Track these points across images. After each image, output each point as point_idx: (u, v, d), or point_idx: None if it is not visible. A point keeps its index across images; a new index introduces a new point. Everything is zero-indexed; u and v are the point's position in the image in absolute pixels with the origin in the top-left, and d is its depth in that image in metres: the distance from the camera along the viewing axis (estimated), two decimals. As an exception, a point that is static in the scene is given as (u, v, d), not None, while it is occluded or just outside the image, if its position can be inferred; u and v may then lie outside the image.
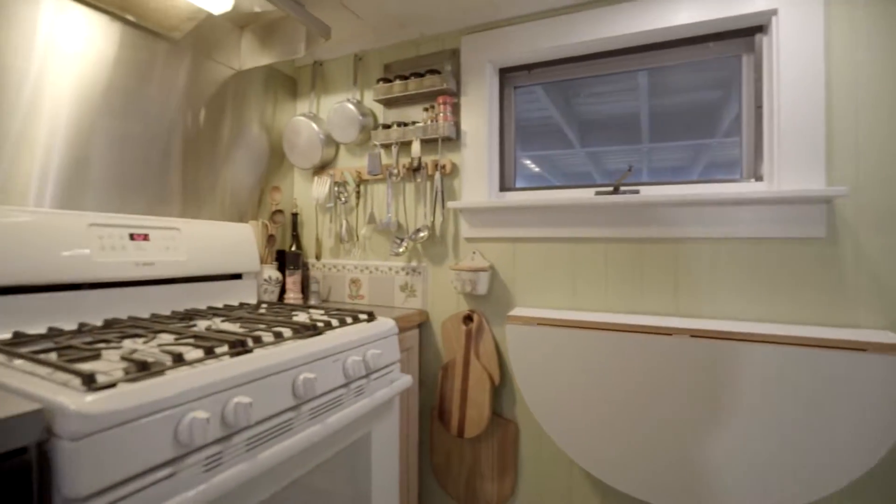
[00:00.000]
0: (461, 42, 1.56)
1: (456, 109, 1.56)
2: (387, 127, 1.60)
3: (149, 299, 1.25)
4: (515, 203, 1.42)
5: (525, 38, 1.46)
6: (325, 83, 1.82)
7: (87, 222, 1.13)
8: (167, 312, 1.27)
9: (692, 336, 1.17)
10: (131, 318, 1.15)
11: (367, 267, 1.72)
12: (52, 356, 0.81)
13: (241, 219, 1.66)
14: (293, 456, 0.93)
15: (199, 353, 0.85)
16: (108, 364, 0.78)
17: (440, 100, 1.53)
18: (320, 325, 1.11)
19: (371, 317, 1.29)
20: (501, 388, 1.50)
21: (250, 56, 1.57)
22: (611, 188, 1.40)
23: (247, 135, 1.68)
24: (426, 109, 1.57)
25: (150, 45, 1.34)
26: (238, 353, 0.88)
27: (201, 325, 1.10)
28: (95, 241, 1.13)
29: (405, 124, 1.58)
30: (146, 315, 1.22)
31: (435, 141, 1.56)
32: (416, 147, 1.56)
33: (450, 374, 1.52)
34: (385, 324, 1.28)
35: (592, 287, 1.39)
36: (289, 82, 1.86)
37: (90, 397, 0.64)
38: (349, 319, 1.23)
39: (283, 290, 1.68)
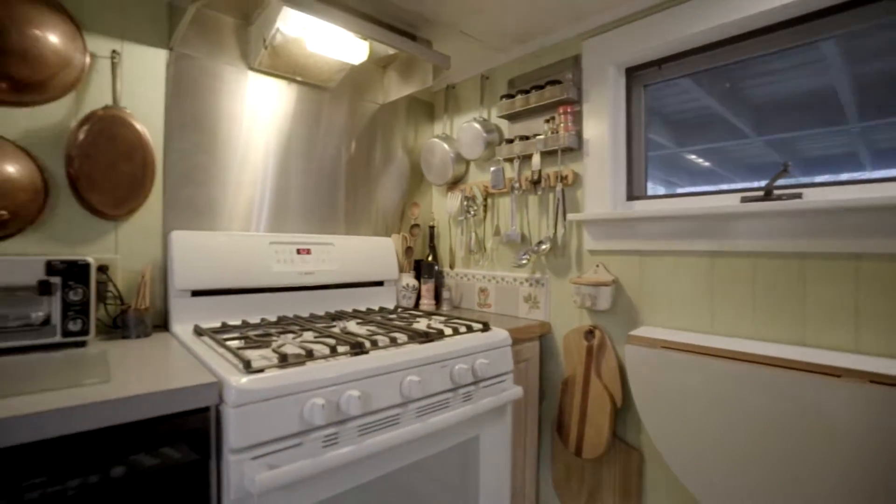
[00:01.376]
0: (582, 48, 1.51)
1: (578, 118, 1.52)
2: (510, 142, 1.65)
3: (310, 301, 1.55)
4: (644, 213, 1.31)
5: (652, 33, 1.34)
6: (457, 104, 1.96)
7: (268, 241, 1.47)
8: (322, 313, 1.56)
9: (872, 382, 0.92)
10: (295, 316, 1.45)
11: (493, 277, 1.79)
12: (236, 343, 1.11)
13: (388, 233, 1.91)
14: (399, 445, 1.06)
15: (326, 351, 1.04)
16: (266, 352, 1.03)
17: (561, 109, 1.51)
18: (433, 332, 1.23)
19: (486, 327, 1.36)
20: (624, 411, 1.39)
21: (392, 90, 1.80)
22: (761, 192, 1.18)
23: (393, 158, 1.93)
24: (547, 121, 1.57)
25: (316, 97, 1.67)
26: (356, 354, 1.05)
27: (339, 326, 1.33)
28: (273, 256, 1.47)
29: (527, 138, 1.60)
30: (306, 314, 1.52)
31: (557, 152, 1.54)
32: (535, 160, 1.57)
33: (569, 390, 1.48)
34: (497, 335, 1.33)
35: (735, 309, 1.19)
36: (427, 107, 2.06)
37: (245, 378, 0.86)
38: (463, 328, 1.32)
39: (419, 296, 1.87)
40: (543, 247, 1.58)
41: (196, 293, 1.32)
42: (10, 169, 1.08)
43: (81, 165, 1.18)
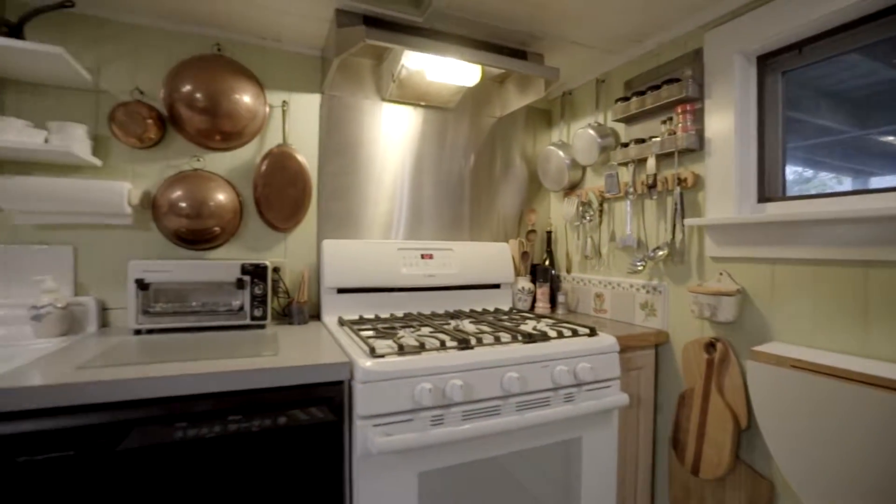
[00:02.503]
0: (704, 40, 1.41)
1: (699, 116, 1.42)
2: (625, 146, 1.62)
3: (432, 300, 1.75)
4: (779, 217, 1.18)
5: (789, 14, 1.20)
6: (573, 109, 1.98)
7: (396, 247, 1.71)
8: (442, 311, 1.74)
9: None
10: (418, 313, 1.66)
11: (609, 282, 1.77)
12: (367, 332, 1.34)
13: (506, 238, 2.02)
14: (500, 433, 1.17)
15: (437, 344, 1.20)
16: (389, 342, 1.23)
17: (679, 109, 1.44)
18: (537, 334, 1.30)
19: (592, 332, 1.38)
20: (751, 433, 1.27)
21: (508, 103, 1.91)
22: (935, 189, 0.98)
23: (512, 167, 2.04)
24: (664, 122, 1.50)
25: (440, 117, 1.87)
26: (463, 349, 1.19)
27: (453, 324, 1.49)
28: (401, 260, 1.70)
29: (643, 140, 1.56)
30: (428, 312, 1.72)
31: (673, 155, 1.47)
32: (650, 163, 1.51)
33: (687, 403, 1.40)
34: (604, 341, 1.34)
35: (896, 328, 1.01)
36: (544, 115, 2.12)
37: (370, 362, 1.07)
38: (568, 332, 1.37)
39: (534, 300, 1.94)
40: (660, 253, 1.52)
41: (341, 290, 1.61)
42: (221, 196, 1.49)
43: (262, 191, 1.55)
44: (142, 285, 1.29)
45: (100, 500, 0.89)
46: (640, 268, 1.56)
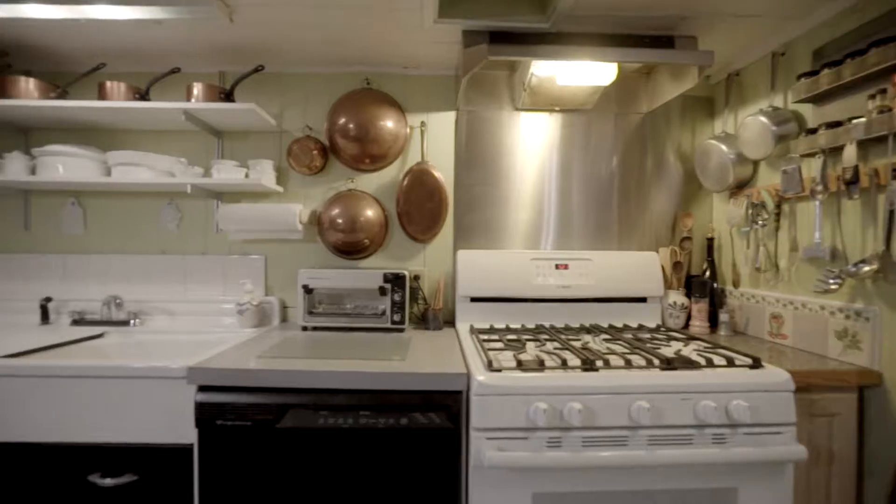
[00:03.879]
0: (937, -17, 1.04)
1: (929, 84, 1.05)
2: (811, 132, 1.30)
3: (568, 312, 1.68)
4: None
5: None
6: (741, 94, 1.66)
7: (529, 258, 1.69)
8: (577, 324, 1.65)
9: None
10: (550, 326, 1.61)
11: (791, 302, 1.43)
12: (492, 343, 1.36)
13: (657, 246, 1.81)
14: (627, 467, 1.06)
15: (558, 362, 1.15)
16: (509, 355, 1.23)
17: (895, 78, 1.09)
18: (677, 360, 1.14)
19: (756, 363, 1.15)
20: None
21: (657, 96, 1.71)
22: None
23: (664, 166, 1.83)
24: (872, 97, 1.15)
25: (578, 120, 1.78)
26: (587, 370, 1.12)
27: (584, 340, 1.40)
28: (534, 271, 1.67)
29: (838, 124, 1.22)
30: (562, 325, 1.65)
31: (886, 140, 1.12)
32: (848, 153, 1.18)
33: (907, 472, 1.05)
34: (771, 375, 1.10)
35: None
36: (705, 104, 1.83)
37: (485, 375, 1.09)
38: (721, 361, 1.16)
39: (689, 317, 1.69)
40: (867, 268, 1.17)
41: (474, 299, 1.67)
42: (370, 212, 1.69)
43: (404, 206, 1.71)
44: (307, 290, 1.55)
45: (265, 465, 1.10)
46: (832, 286, 1.23)
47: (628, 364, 1.14)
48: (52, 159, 1.56)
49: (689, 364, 1.14)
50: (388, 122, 1.67)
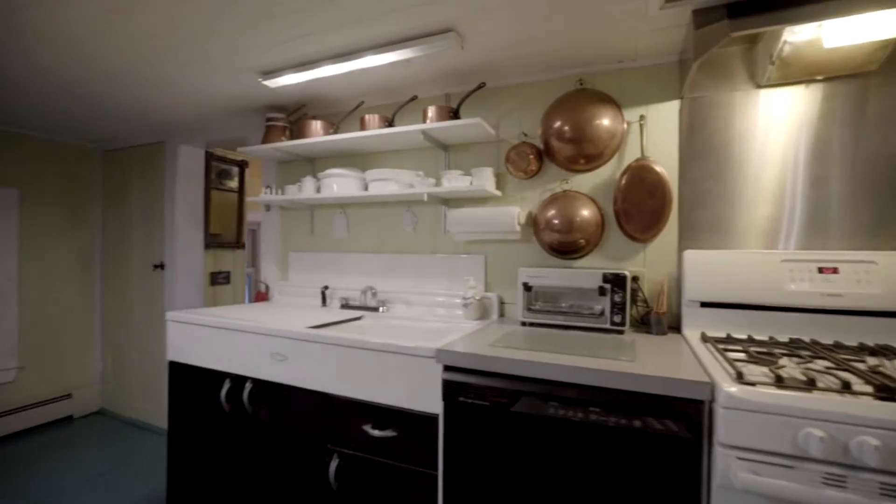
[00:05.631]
0: None
1: None
2: None
3: (836, 327, 1.36)
4: None
5: None
6: None
7: (779, 259, 1.43)
8: (853, 343, 1.33)
9: None
10: (812, 341, 1.33)
11: None
12: (735, 354, 1.21)
13: None
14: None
15: (837, 384, 0.95)
16: (764, 369, 1.07)
17: None
18: None
19: None
20: None
21: None
22: None
23: None
24: None
25: (850, 88, 1.42)
26: (883, 398, 0.90)
27: (870, 362, 1.12)
28: (786, 274, 1.41)
29: None
30: (829, 341, 1.35)
31: None
32: None
33: None
34: None
35: None
36: None
37: (734, 387, 0.98)
38: None
39: None
40: None
41: (704, 304, 1.50)
42: (586, 212, 1.69)
43: (622, 205, 1.65)
44: (527, 287, 1.64)
45: (499, 442, 1.22)
46: None
47: (955, 398, 0.87)
48: (329, 180, 2.03)
49: None
50: (605, 120, 1.64)
